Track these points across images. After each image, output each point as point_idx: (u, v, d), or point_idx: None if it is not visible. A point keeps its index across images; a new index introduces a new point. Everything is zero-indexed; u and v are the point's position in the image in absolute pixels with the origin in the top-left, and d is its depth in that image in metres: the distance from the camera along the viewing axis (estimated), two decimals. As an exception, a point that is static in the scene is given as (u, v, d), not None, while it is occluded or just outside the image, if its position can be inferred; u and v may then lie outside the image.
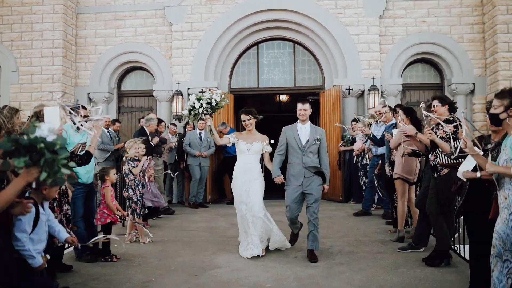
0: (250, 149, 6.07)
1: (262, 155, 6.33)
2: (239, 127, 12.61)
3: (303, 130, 5.94)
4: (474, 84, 11.62)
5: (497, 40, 10.89)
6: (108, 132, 9.76)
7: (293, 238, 6.36)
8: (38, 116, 4.40)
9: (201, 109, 6.15)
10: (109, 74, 12.47)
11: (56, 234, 3.90)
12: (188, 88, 11.89)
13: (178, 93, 11.75)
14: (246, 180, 6.01)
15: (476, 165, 4.01)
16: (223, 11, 11.95)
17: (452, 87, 11.67)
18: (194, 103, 6.17)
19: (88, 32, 12.45)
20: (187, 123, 11.27)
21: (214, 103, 6.28)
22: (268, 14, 11.94)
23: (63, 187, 4.79)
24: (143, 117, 11.30)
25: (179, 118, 11.78)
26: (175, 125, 11.22)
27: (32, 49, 11.75)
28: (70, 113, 4.39)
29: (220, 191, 11.43)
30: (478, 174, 3.94)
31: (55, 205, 4.60)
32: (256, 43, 12.46)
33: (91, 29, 12.45)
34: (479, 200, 4.16)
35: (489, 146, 4.00)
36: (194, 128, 10.89)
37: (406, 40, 11.80)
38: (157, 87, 12.21)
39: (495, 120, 3.74)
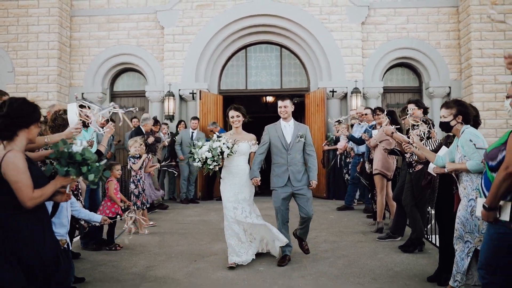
0: (236, 151, 5.65)
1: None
2: (227, 127, 13.18)
3: (287, 128, 5.73)
4: (450, 87, 12.33)
5: (471, 47, 11.62)
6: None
7: (283, 261, 5.65)
8: (57, 115, 4.88)
9: (214, 164, 5.42)
10: (103, 75, 12.89)
11: (89, 219, 4.43)
12: (179, 89, 12.41)
13: (170, 94, 12.24)
14: (236, 184, 5.65)
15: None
16: (213, 16, 12.47)
17: (430, 90, 12.37)
18: (206, 157, 5.42)
19: (82, 34, 12.85)
20: (179, 122, 11.79)
21: (224, 151, 5.48)
22: (256, 19, 12.49)
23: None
24: (135, 117, 11.80)
25: (171, 118, 12.28)
26: (167, 124, 11.72)
27: (28, 51, 12.12)
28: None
29: (209, 192, 11.88)
30: (446, 170, 4.55)
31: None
32: (245, 47, 13.01)
33: (85, 32, 12.85)
34: (446, 195, 4.76)
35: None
36: (186, 127, 11.43)
37: (387, 45, 12.46)
38: (149, 88, 12.67)
39: (445, 127, 4.38)
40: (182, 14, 12.51)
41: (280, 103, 5.81)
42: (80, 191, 5.38)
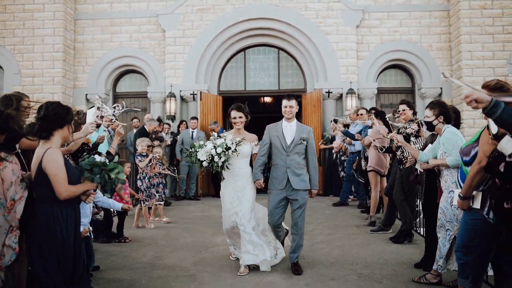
0: (239, 151, 5.28)
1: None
2: (226, 127, 13.62)
3: (288, 129, 5.42)
4: (441, 88, 12.80)
5: (461, 49, 12.09)
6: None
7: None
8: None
9: (221, 161, 5.10)
10: (106, 77, 13.31)
11: (112, 207, 4.94)
12: (180, 90, 12.84)
13: (171, 95, 12.67)
14: (238, 187, 5.38)
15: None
16: (213, 19, 12.91)
17: (422, 91, 12.84)
18: (212, 155, 5.12)
19: (86, 37, 13.27)
20: (180, 122, 12.22)
21: (229, 148, 5.17)
22: (254, 23, 12.95)
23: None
24: (135, 117, 12.24)
25: (172, 118, 12.73)
26: (169, 124, 12.16)
27: (34, 53, 12.54)
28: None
29: (216, 189, 12.28)
30: (429, 165, 5.00)
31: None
32: (243, 49, 13.46)
33: (89, 35, 13.27)
34: (431, 189, 5.22)
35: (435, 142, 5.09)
36: (187, 127, 11.87)
37: (381, 47, 12.93)
38: (151, 89, 13.11)
39: (429, 126, 4.84)
40: (183, 18, 12.94)
41: (285, 102, 5.44)
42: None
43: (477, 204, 3.62)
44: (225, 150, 5.12)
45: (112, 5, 13.28)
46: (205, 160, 5.14)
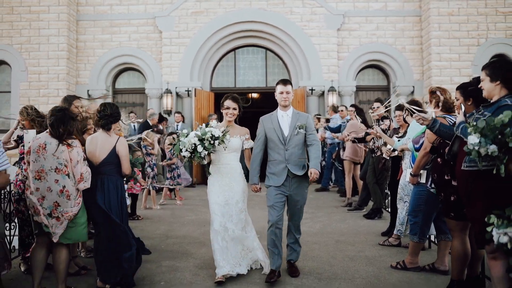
0: (229, 141, 4.81)
1: (242, 151, 5.13)
2: (218, 120, 14.74)
3: (285, 119, 4.82)
4: (413, 86, 14.13)
5: (431, 52, 13.43)
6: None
7: (272, 276, 4.69)
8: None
9: (204, 152, 4.64)
10: (106, 74, 14.33)
11: None
12: (176, 87, 13.95)
13: (168, 91, 13.77)
14: (225, 185, 4.86)
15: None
16: (206, 22, 14.01)
17: (396, 88, 14.15)
18: (195, 143, 4.65)
19: (88, 37, 14.26)
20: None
21: (216, 137, 4.66)
22: (244, 25, 14.09)
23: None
24: (131, 112, 13.28)
25: (168, 112, 13.84)
26: (166, 119, 13.26)
27: (40, 52, 13.49)
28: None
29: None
30: (396, 152, 6.26)
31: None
32: (234, 49, 14.61)
33: (90, 35, 14.26)
34: (396, 172, 6.48)
35: (399, 134, 6.34)
36: (184, 121, 13.02)
37: (359, 49, 14.19)
38: (149, 85, 14.17)
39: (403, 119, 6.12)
40: (178, 20, 14.02)
41: (281, 87, 4.83)
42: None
43: (423, 180, 4.87)
44: (210, 139, 4.62)
45: (112, 7, 14.27)
46: (187, 150, 4.68)
